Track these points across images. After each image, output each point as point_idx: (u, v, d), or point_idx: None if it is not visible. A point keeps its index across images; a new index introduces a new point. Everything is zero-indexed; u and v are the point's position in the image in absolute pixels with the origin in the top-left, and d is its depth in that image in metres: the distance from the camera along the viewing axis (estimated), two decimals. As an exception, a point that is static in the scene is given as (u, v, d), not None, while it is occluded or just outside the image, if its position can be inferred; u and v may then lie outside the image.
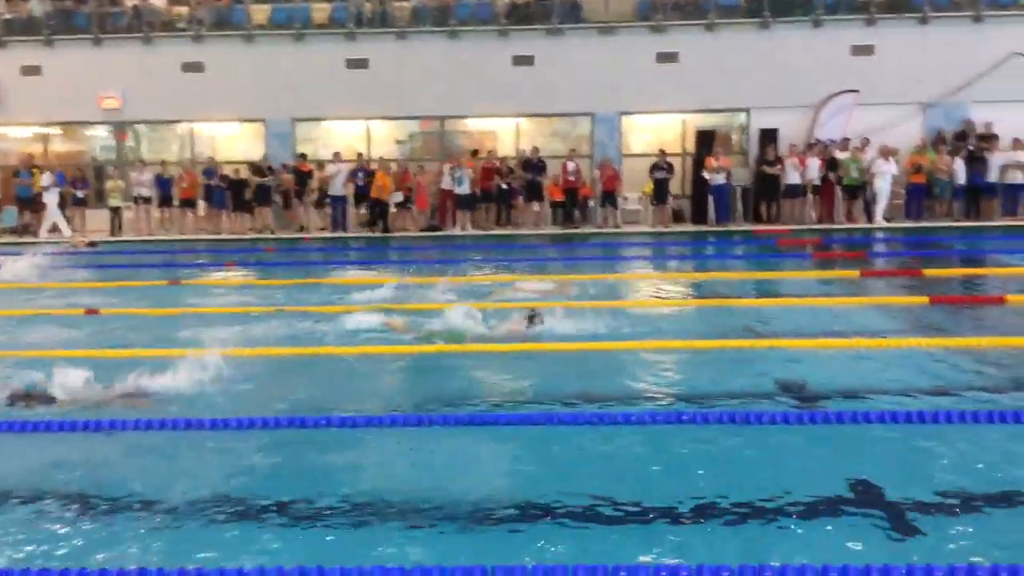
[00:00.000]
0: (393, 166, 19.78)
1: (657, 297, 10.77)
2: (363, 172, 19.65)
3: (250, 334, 8.19)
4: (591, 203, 19.99)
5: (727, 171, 19.29)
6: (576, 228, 19.42)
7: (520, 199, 19.71)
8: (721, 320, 9.11)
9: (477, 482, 4.70)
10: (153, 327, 8.98)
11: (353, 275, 13.58)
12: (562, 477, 4.76)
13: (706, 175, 19.23)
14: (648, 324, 8.87)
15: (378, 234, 19.22)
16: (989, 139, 18.95)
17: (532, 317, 8.07)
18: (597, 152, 20.31)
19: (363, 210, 19.76)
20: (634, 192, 20.18)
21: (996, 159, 18.59)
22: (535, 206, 19.77)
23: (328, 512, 4.34)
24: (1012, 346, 7.48)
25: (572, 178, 19.55)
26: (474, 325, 8.02)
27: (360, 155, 20.17)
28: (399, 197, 19.43)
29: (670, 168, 19.39)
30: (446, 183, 19.42)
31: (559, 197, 19.66)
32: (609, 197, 19.53)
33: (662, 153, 19.48)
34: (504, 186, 19.49)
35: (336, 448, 5.31)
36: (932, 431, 5.33)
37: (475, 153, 20.26)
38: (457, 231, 19.43)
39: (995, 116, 19.01)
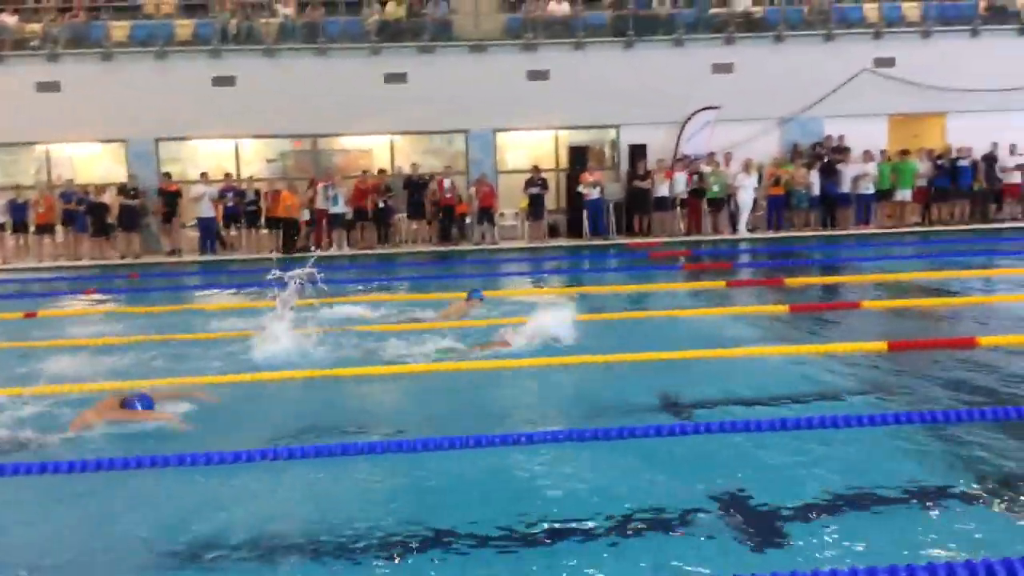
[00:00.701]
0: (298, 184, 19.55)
1: (531, 314, 10.83)
2: (232, 192, 19.17)
3: (110, 367, 7.82)
4: (468, 220, 20.07)
5: (601, 186, 19.71)
6: (454, 245, 19.44)
7: (399, 217, 19.61)
8: (598, 333, 9.24)
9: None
10: (5, 363, 8.47)
11: (224, 300, 13.18)
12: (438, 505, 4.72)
13: (582, 190, 19.58)
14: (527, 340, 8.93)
15: (282, 255, 18.82)
16: (842, 151, 20.02)
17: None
18: (472, 169, 20.40)
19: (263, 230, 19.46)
20: (511, 208, 20.36)
21: (848, 170, 19.65)
22: (415, 224, 19.72)
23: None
24: (868, 351, 7.89)
25: (448, 195, 19.57)
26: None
27: (228, 175, 19.66)
28: (305, 215, 19.21)
29: (544, 184, 19.66)
30: (320, 202, 19.12)
31: (434, 215, 19.66)
32: (486, 214, 19.64)
33: (536, 169, 19.74)
34: (382, 204, 19.34)
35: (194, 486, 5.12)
36: (795, 437, 5.56)
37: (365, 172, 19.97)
38: (333, 251, 19.12)
39: (846, 129, 20.13)
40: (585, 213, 19.82)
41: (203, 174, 19.40)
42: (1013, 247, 16.67)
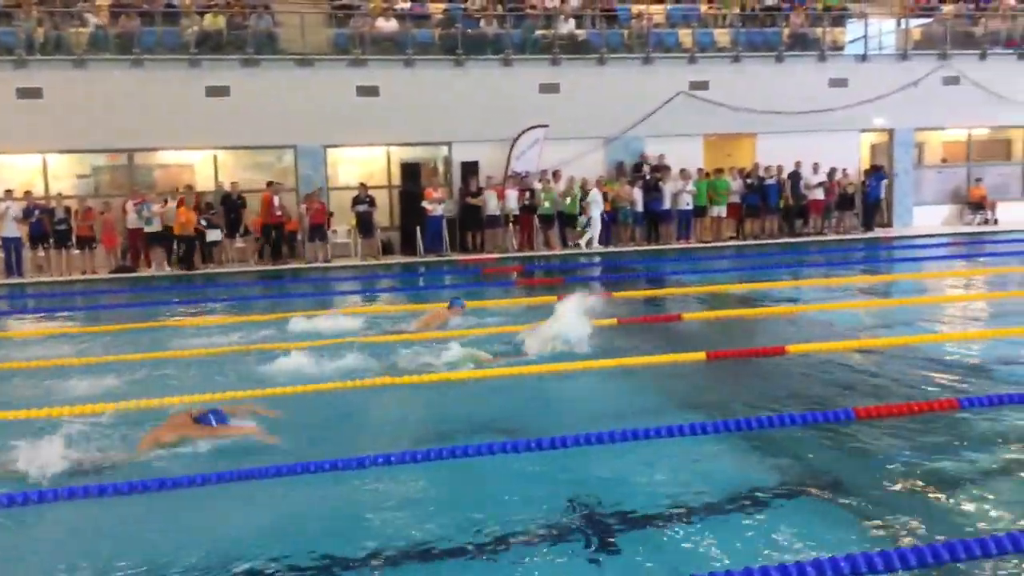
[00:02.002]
0: (193, 199, 18.69)
1: (364, 334, 10.67)
2: (38, 210, 17.92)
3: None
4: (299, 237, 19.61)
5: (443, 202, 19.75)
6: (285, 264, 18.92)
7: (220, 235, 18.91)
8: (408, 352, 9.18)
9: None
10: None
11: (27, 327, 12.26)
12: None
13: (426, 205, 19.56)
14: (359, 360, 8.77)
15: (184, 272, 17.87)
16: (662, 170, 20.95)
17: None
18: (302, 185, 19.95)
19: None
20: (343, 225, 20.05)
21: (668, 188, 20.59)
22: (238, 242, 19.06)
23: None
24: (689, 361, 8.24)
25: (278, 213, 19.06)
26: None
27: (28, 192, 18.34)
28: (217, 234, 18.44)
29: (372, 201, 19.47)
30: (133, 221, 18.19)
31: (260, 233, 19.10)
32: (318, 231, 19.24)
33: (363, 187, 19.52)
34: (204, 223, 18.59)
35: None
36: (622, 450, 5.72)
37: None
38: (152, 271, 18.21)
39: (666, 149, 21.08)
40: (419, 230, 19.80)
41: (8, 191, 18.02)
42: (817, 259, 17.93)
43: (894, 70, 22.15)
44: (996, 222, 22.38)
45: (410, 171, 20.47)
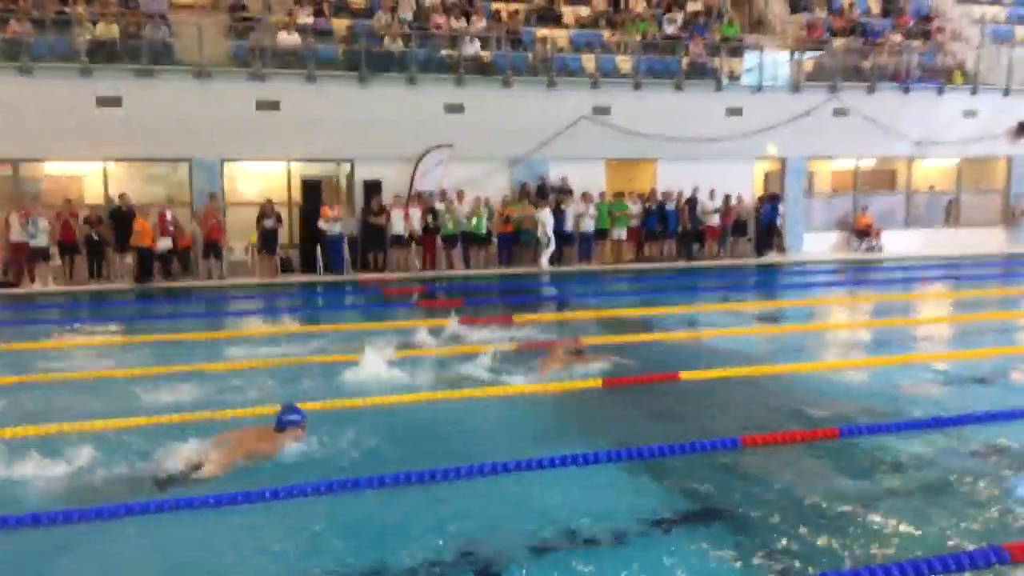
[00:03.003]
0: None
1: (255, 357, 10.40)
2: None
3: None
4: (192, 254, 19.05)
5: (342, 221, 19.48)
6: (175, 282, 18.35)
7: (110, 250, 18.23)
8: (326, 374, 9.01)
9: None
10: None
11: None
12: None
13: (323, 225, 19.25)
14: (247, 388, 8.54)
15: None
16: (564, 192, 21.18)
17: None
18: (197, 200, 19.40)
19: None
20: (240, 242, 19.57)
21: (571, 210, 20.82)
22: (128, 258, 18.39)
23: None
24: (585, 388, 8.30)
25: (171, 228, 18.48)
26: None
27: None
28: (168, 243, 17.94)
29: (279, 218, 19.10)
30: (16, 234, 17.36)
31: (155, 246, 18.49)
32: (213, 247, 18.72)
33: (269, 202, 19.13)
34: (95, 237, 17.89)
35: None
36: (515, 480, 5.70)
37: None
38: (37, 287, 17.40)
39: (569, 172, 21.34)
40: (320, 248, 19.50)
41: None
42: (713, 284, 18.38)
43: (787, 101, 22.97)
44: (881, 249, 23.39)
45: (311, 188, 20.17)
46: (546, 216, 20.31)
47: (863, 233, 23.81)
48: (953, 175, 25.42)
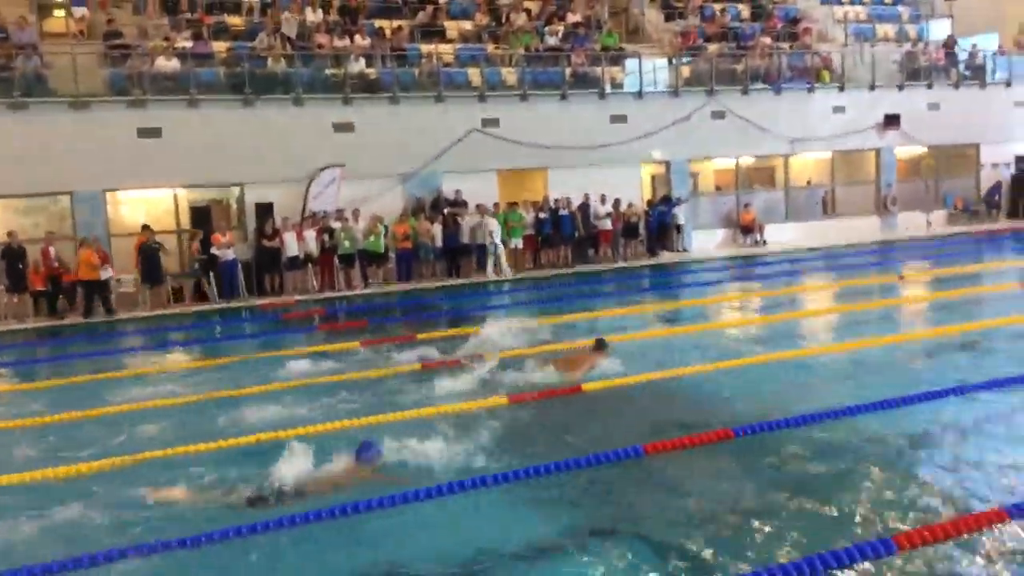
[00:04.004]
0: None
1: (154, 398, 10.18)
2: None
3: None
4: (80, 289, 18.37)
5: (232, 246, 19.14)
6: (60, 320, 17.70)
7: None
8: (228, 407, 8.92)
9: None
10: None
11: None
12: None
13: (215, 251, 18.88)
14: (143, 431, 8.41)
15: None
16: (459, 205, 21.35)
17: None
18: (81, 233, 18.74)
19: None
20: (128, 274, 19.00)
21: (466, 222, 21.00)
22: (15, 298, 17.66)
23: None
24: (491, 406, 8.46)
25: (56, 264, 17.82)
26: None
27: None
28: (108, 273, 17.40)
29: (161, 247, 18.62)
30: None
31: (40, 286, 17.83)
32: (96, 285, 18.05)
33: (148, 230, 18.60)
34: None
35: None
36: (423, 507, 5.82)
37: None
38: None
39: (462, 185, 21.51)
40: (211, 275, 19.11)
41: None
42: (609, 288, 18.84)
43: (668, 106, 23.71)
44: (765, 243, 24.38)
45: (200, 214, 19.75)
46: (494, 225, 20.69)
47: (748, 229, 24.76)
48: (827, 169, 26.71)
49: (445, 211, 21.09)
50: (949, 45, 28.10)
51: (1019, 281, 15.82)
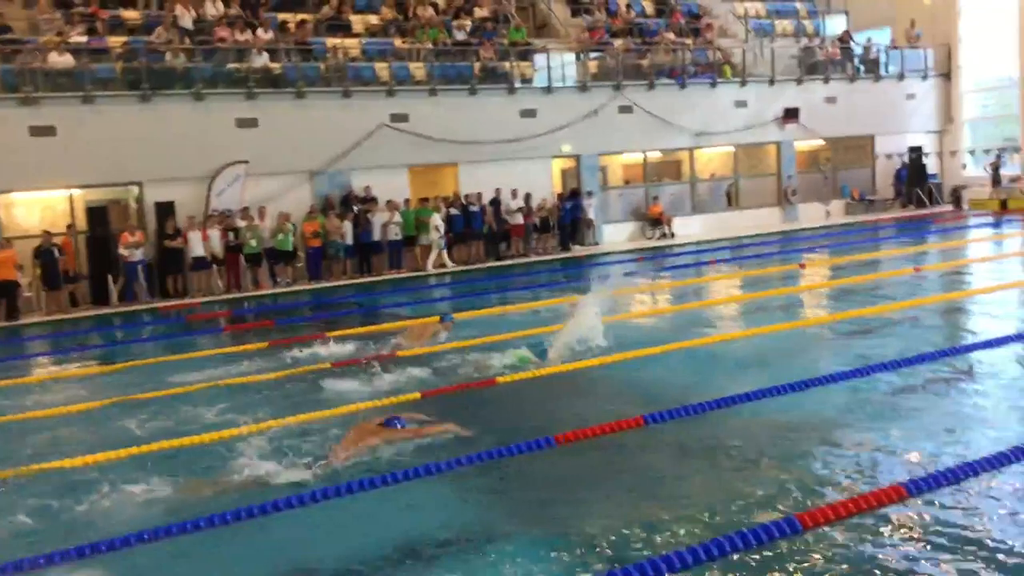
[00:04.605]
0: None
1: (56, 405, 9.80)
2: None
3: None
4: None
5: (140, 247, 18.54)
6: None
7: None
8: (125, 420, 8.62)
9: None
10: None
11: None
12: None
13: (123, 251, 18.26)
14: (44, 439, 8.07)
15: None
16: (370, 202, 21.12)
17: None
18: (-31, 236, 17.86)
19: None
20: (25, 278, 18.20)
21: (377, 219, 20.80)
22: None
23: None
24: (404, 401, 8.38)
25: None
26: None
27: None
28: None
29: (60, 249, 17.91)
30: None
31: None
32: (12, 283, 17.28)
33: (47, 234, 17.91)
34: None
35: None
36: (335, 505, 5.73)
37: None
38: None
39: (372, 181, 21.30)
40: (111, 278, 18.48)
41: None
42: (522, 282, 18.91)
43: (576, 101, 23.92)
44: (673, 235, 24.83)
45: (98, 215, 19.06)
46: (437, 221, 20.59)
47: (656, 221, 25.18)
48: (731, 162, 27.37)
49: (355, 208, 20.84)
50: (844, 40, 29.10)
51: (913, 266, 16.48)
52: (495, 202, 22.33)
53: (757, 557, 4.67)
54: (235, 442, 7.31)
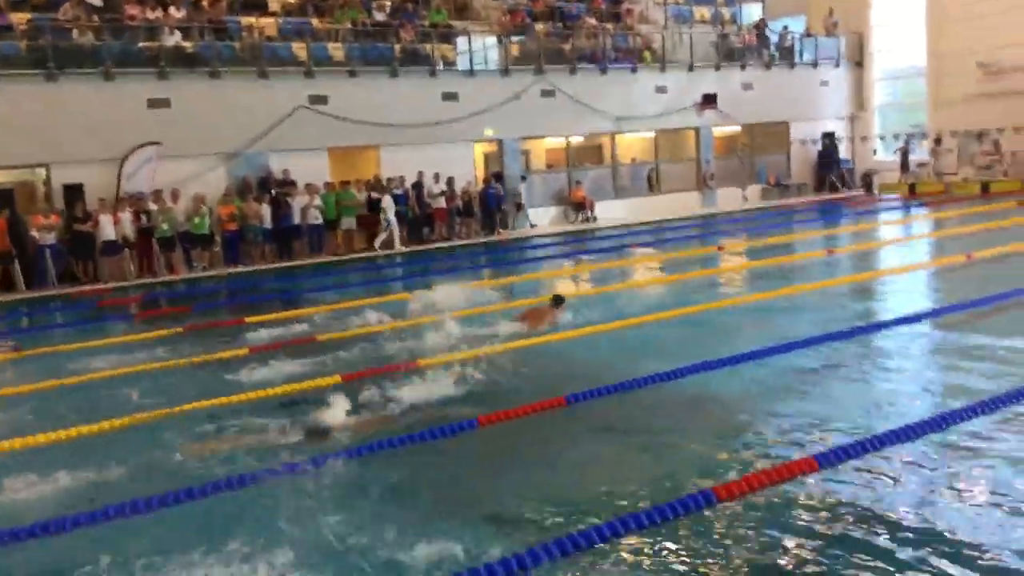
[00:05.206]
0: None
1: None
2: None
3: None
4: None
5: (53, 230, 17.84)
6: None
7: None
8: (59, 397, 8.32)
9: None
10: None
11: None
12: None
13: (36, 234, 17.56)
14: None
15: None
16: (288, 185, 20.72)
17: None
18: None
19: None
20: (-81, 264, 17.37)
21: (296, 202, 20.43)
22: None
23: None
24: (324, 385, 8.25)
25: None
26: None
27: None
28: None
29: (-40, 234, 17.16)
30: None
31: None
32: None
33: (-52, 218, 17.14)
34: None
35: None
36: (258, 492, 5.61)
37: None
38: None
39: (291, 164, 20.90)
40: (20, 263, 17.76)
41: None
42: (443, 266, 18.81)
43: (498, 84, 23.86)
44: (595, 219, 25.03)
45: (4, 197, 18.28)
46: (388, 203, 20.64)
47: (579, 205, 25.35)
48: (651, 147, 27.69)
49: (273, 191, 20.43)
50: (760, 27, 29.68)
51: (825, 248, 16.96)
52: (417, 186, 22.15)
53: (675, 529, 4.74)
54: (148, 428, 7.10)
